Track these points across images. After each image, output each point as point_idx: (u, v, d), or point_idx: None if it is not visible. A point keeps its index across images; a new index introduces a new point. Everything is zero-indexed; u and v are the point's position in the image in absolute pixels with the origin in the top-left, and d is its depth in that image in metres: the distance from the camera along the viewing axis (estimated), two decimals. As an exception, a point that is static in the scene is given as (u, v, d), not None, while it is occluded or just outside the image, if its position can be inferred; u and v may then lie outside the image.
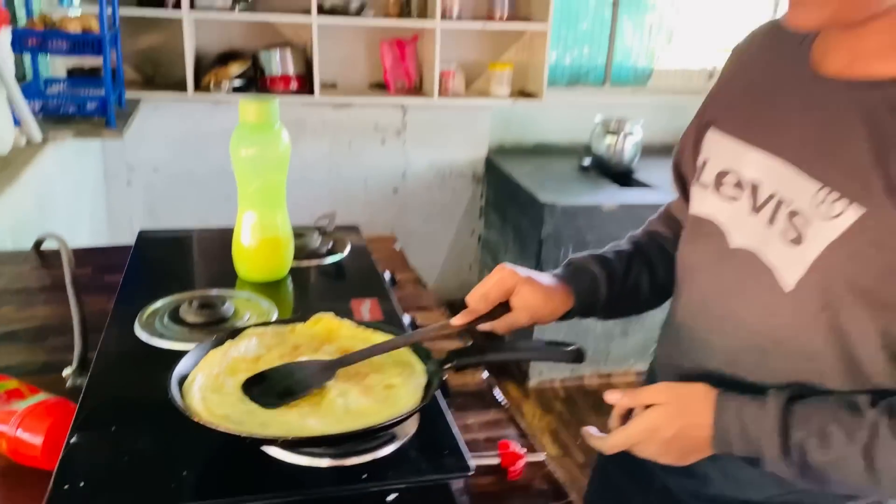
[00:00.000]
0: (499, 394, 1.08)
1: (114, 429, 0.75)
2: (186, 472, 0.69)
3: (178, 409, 0.69)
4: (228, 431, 0.67)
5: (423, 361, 0.83)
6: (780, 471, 0.79)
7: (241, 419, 0.70)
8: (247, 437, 0.67)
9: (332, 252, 1.30)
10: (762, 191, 0.82)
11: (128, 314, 1.01)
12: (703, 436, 0.81)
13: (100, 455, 0.71)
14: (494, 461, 0.89)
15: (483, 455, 0.89)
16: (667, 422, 0.81)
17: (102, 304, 1.05)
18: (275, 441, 0.70)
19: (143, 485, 0.68)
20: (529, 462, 0.90)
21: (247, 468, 0.71)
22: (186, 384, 0.76)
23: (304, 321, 0.90)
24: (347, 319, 0.91)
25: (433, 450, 0.75)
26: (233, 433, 0.67)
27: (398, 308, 1.09)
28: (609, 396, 0.86)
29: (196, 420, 0.68)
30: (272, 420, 0.71)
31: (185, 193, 3.07)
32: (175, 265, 1.27)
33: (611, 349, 2.99)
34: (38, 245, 1.45)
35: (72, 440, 0.72)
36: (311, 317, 0.91)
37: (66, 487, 0.66)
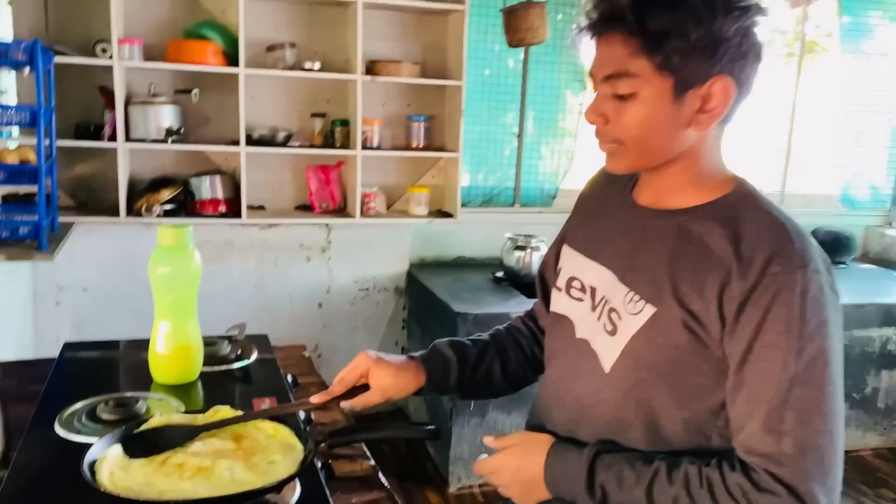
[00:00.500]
0: (383, 478, 1.23)
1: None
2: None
3: (88, 483, 0.84)
4: (129, 498, 0.81)
5: (303, 443, 1.00)
6: None
7: (141, 490, 0.85)
8: (145, 503, 0.82)
9: (241, 358, 1.46)
10: (598, 294, 1.05)
11: (50, 415, 1.14)
12: (538, 474, 1.00)
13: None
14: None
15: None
16: (513, 458, 1.03)
17: (27, 412, 1.17)
18: (167, 506, 0.84)
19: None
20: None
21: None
22: (97, 466, 0.90)
23: (205, 412, 1.06)
24: (241, 411, 1.07)
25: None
26: (133, 499, 0.81)
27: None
28: (486, 440, 1.08)
29: (102, 490, 0.82)
30: (169, 489, 0.85)
31: (114, 311, 3.14)
32: (97, 372, 1.41)
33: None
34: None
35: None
36: (211, 408, 1.06)
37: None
